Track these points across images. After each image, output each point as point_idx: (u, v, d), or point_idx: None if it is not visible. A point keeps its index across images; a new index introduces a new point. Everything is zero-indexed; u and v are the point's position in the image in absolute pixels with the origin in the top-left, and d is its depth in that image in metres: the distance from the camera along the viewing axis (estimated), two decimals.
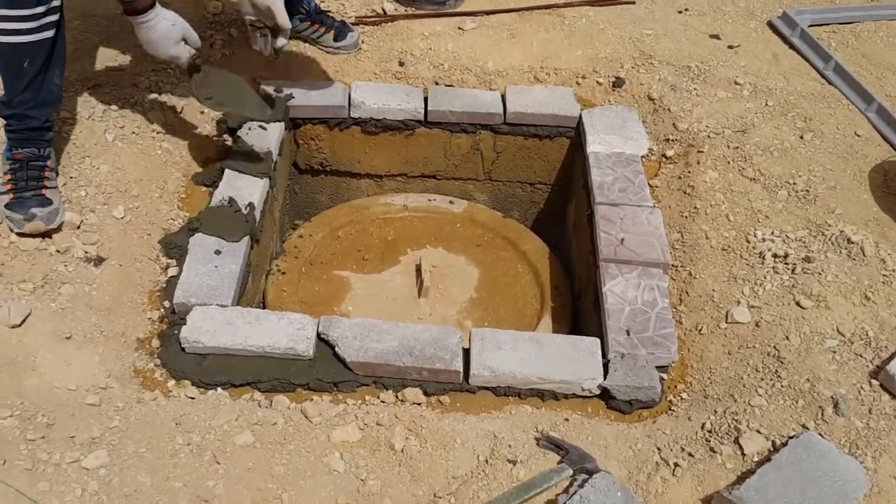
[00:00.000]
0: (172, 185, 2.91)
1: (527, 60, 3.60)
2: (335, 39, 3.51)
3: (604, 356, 2.43)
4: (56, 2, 2.40)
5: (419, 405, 2.31)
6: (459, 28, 3.70)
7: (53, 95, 2.55)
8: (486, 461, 2.09)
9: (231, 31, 3.52)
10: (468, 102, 3.41)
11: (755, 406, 2.22)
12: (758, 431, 2.14)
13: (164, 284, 2.59)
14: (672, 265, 2.75)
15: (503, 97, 3.44)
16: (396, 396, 2.34)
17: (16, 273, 2.38)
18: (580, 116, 3.36)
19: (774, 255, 2.66)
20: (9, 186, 2.52)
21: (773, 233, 2.74)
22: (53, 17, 2.42)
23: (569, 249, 3.47)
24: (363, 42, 3.59)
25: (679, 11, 3.96)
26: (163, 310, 2.52)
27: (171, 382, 2.31)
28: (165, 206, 2.83)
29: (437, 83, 3.52)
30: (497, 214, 3.62)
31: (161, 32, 2.55)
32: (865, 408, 2.18)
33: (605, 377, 2.36)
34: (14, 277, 2.36)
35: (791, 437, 2.08)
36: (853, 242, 2.64)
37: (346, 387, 2.35)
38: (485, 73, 3.55)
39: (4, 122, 2.55)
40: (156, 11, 2.52)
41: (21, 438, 1.99)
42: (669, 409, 2.37)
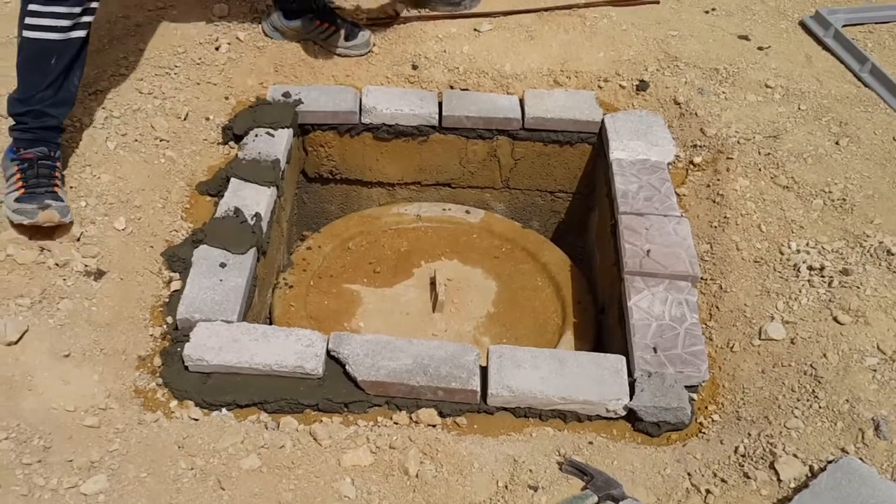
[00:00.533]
0: (176, 195, 2.91)
1: (546, 63, 3.59)
2: (346, 39, 3.51)
3: (630, 375, 2.41)
4: (94, 3, 2.50)
5: (434, 427, 2.28)
6: (475, 30, 3.70)
7: (71, 96, 2.63)
8: (506, 487, 2.06)
9: (238, 35, 3.54)
10: (484, 107, 3.39)
11: (791, 428, 2.17)
12: (794, 455, 2.09)
13: (167, 299, 2.58)
14: (701, 278, 2.72)
15: (521, 101, 3.43)
16: (410, 418, 2.31)
17: (13, 287, 2.38)
18: (602, 121, 3.34)
19: (810, 268, 2.61)
20: (19, 183, 2.53)
21: (809, 244, 2.70)
22: (88, 18, 2.54)
23: (591, 261, 3.46)
24: (374, 44, 3.60)
25: (706, 11, 3.94)
26: (165, 326, 2.51)
27: (174, 403, 2.29)
28: (168, 217, 2.83)
29: (452, 87, 3.52)
30: (515, 224, 3.60)
31: None
32: None
33: (632, 397, 2.33)
34: (11, 292, 2.37)
35: (830, 462, 2.03)
36: (893, 254, 2.58)
37: (358, 407, 2.32)
38: (502, 77, 3.54)
39: (15, 121, 2.58)
40: None
41: (17, 462, 1.96)
42: (700, 432, 2.33)
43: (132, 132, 2.96)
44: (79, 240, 2.55)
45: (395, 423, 2.27)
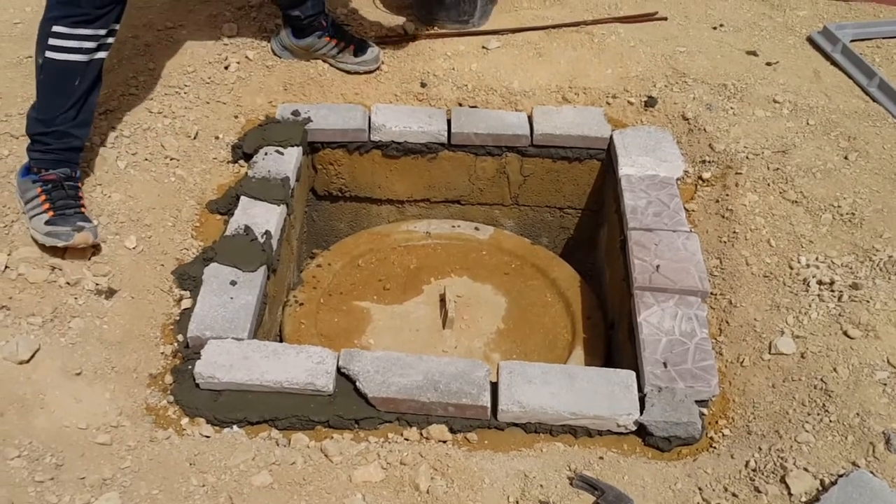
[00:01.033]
0: (186, 214, 2.91)
1: (554, 80, 3.58)
2: (355, 54, 3.50)
3: (640, 390, 2.38)
4: (117, 25, 2.54)
5: (445, 443, 2.26)
6: (483, 47, 3.70)
7: (91, 116, 2.66)
8: (517, 502, 2.04)
9: (247, 54, 3.54)
10: (493, 124, 3.38)
11: (802, 442, 2.15)
12: (805, 470, 2.07)
13: (178, 317, 2.57)
14: (711, 293, 2.70)
15: (530, 118, 3.42)
16: (421, 434, 2.30)
17: (24, 307, 2.37)
18: (611, 137, 3.32)
19: (819, 282, 2.59)
20: (46, 206, 2.52)
21: (818, 258, 2.68)
22: (111, 39, 2.58)
23: (601, 277, 3.44)
24: (383, 62, 3.60)
25: (714, 28, 3.94)
26: (176, 344, 2.50)
27: (185, 420, 2.28)
28: (179, 236, 2.82)
29: (461, 104, 3.51)
30: (525, 241, 3.58)
31: None
32: None
33: (642, 412, 2.31)
34: (22, 311, 2.35)
35: (841, 476, 2.02)
36: None
37: (368, 424, 2.31)
38: (510, 94, 3.53)
39: (34, 141, 2.58)
40: None
41: (29, 480, 1.95)
42: (710, 447, 2.30)
43: (142, 151, 2.96)
44: (90, 258, 2.54)
45: (406, 440, 2.25)
